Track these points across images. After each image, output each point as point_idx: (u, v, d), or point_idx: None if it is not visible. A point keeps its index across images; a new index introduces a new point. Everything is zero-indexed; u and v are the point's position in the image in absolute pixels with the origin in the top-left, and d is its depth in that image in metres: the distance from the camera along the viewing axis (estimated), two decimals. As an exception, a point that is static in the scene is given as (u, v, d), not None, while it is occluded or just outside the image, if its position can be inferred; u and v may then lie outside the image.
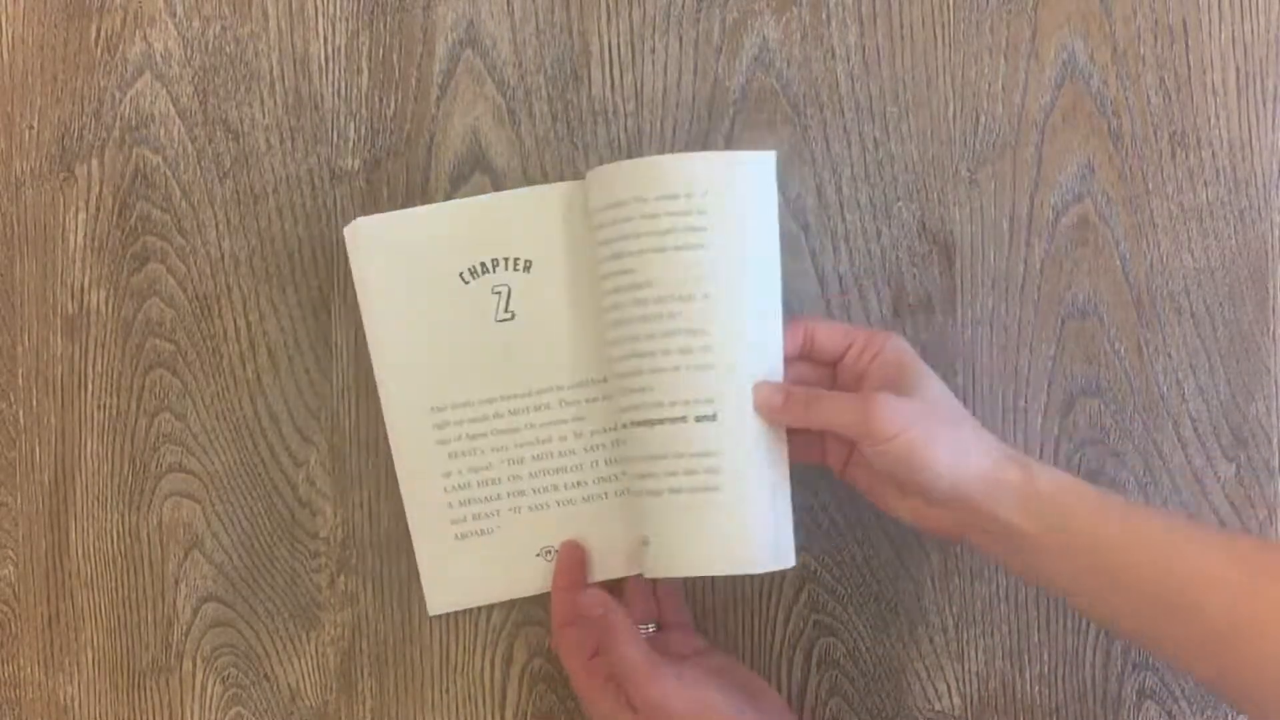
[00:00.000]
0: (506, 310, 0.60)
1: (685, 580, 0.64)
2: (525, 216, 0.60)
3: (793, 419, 0.56)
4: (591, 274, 0.59)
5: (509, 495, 0.61)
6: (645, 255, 0.56)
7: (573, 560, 0.61)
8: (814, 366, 0.59)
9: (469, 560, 0.61)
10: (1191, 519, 0.62)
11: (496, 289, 0.60)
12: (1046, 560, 0.54)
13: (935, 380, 0.57)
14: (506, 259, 0.60)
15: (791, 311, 0.59)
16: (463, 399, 0.61)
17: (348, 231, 0.61)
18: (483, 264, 0.60)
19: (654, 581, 0.62)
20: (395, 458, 0.63)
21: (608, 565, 0.62)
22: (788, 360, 0.57)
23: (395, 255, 0.60)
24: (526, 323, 0.61)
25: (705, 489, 0.56)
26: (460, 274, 0.60)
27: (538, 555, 0.61)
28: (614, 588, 0.61)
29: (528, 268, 0.61)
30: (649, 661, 0.56)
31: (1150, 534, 0.53)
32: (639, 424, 0.57)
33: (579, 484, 0.61)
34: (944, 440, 0.54)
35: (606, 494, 0.61)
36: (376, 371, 0.62)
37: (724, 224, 0.55)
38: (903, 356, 0.57)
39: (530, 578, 0.62)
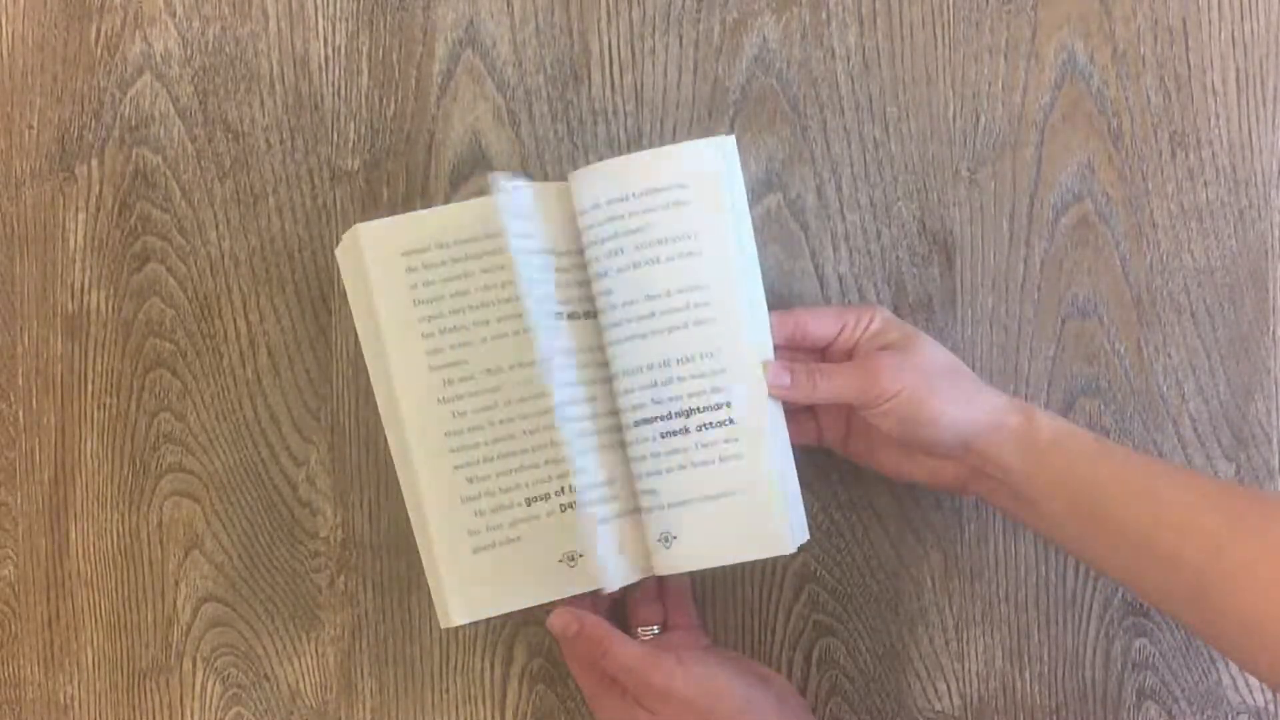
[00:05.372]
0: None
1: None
2: (547, 210, 0.59)
3: (800, 395, 0.56)
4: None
5: (530, 502, 0.58)
6: (635, 253, 0.56)
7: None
8: (803, 353, 0.59)
9: (492, 570, 0.58)
10: (1187, 469, 0.62)
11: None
12: (1045, 506, 0.55)
13: (928, 339, 0.57)
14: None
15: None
16: (502, 396, 0.58)
17: (350, 237, 0.58)
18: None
19: (660, 582, 0.62)
20: (407, 463, 0.59)
21: (630, 568, 0.59)
22: (777, 349, 0.57)
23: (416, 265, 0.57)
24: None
25: (724, 478, 0.56)
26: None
27: (560, 561, 0.59)
28: (620, 590, 0.61)
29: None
30: (645, 655, 0.56)
31: (1140, 481, 0.53)
32: (654, 422, 0.57)
33: (601, 484, 0.59)
34: (946, 391, 0.55)
35: (625, 495, 0.60)
36: (380, 372, 0.60)
37: (706, 214, 0.56)
38: (891, 324, 0.58)
39: (555, 584, 0.58)
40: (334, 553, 0.66)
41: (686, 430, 0.56)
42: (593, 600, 0.59)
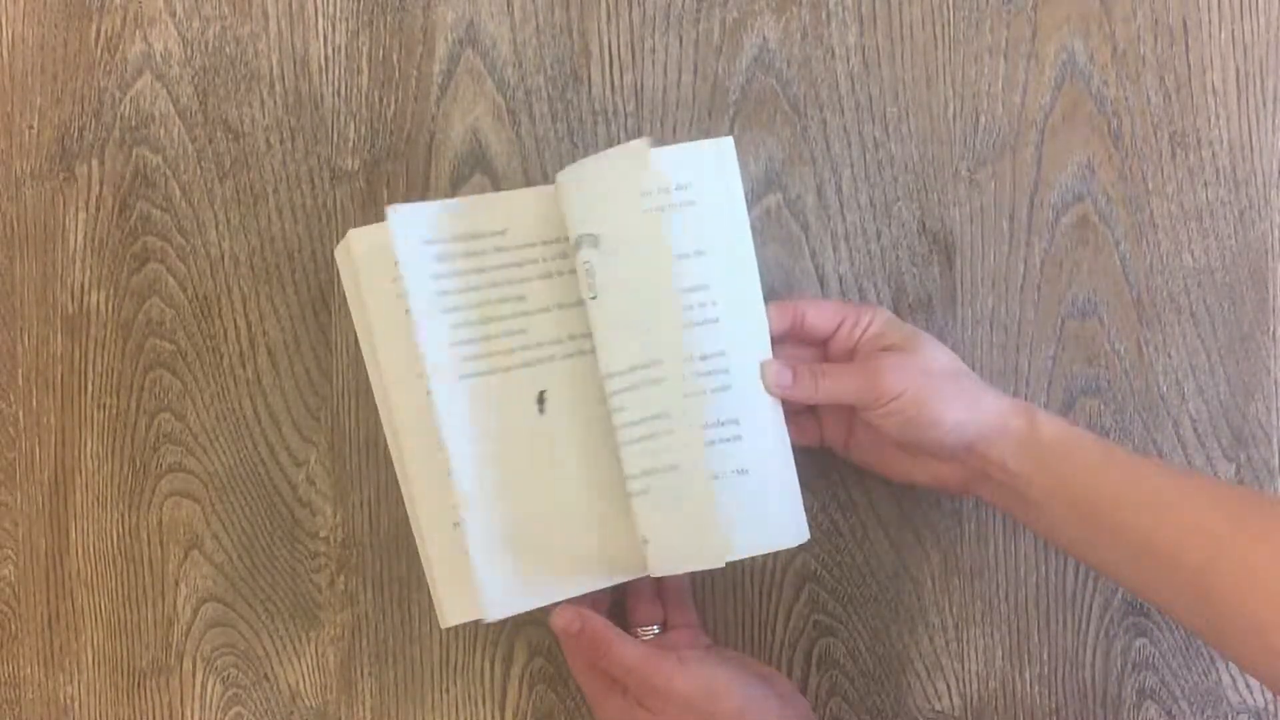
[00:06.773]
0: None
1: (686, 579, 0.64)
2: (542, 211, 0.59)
3: (802, 394, 0.56)
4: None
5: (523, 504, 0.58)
6: (634, 253, 0.56)
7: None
8: (803, 347, 0.59)
9: (500, 567, 0.57)
10: (1188, 471, 0.62)
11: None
12: (1047, 508, 0.55)
13: (931, 340, 0.57)
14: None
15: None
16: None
17: (359, 236, 0.58)
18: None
19: (659, 582, 0.62)
20: (401, 466, 0.59)
21: (623, 570, 0.58)
22: (777, 341, 0.57)
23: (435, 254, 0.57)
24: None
25: (722, 478, 0.56)
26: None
27: (553, 563, 0.58)
28: (620, 590, 0.61)
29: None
30: (645, 655, 0.56)
31: (1143, 484, 0.53)
32: (648, 421, 0.57)
33: (595, 486, 0.59)
34: (949, 392, 0.55)
35: (620, 496, 0.59)
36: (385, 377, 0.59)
37: (705, 214, 0.56)
38: (893, 325, 0.58)
39: (550, 585, 0.58)
40: (334, 553, 0.66)
41: (683, 430, 0.56)
42: (593, 600, 0.59)
